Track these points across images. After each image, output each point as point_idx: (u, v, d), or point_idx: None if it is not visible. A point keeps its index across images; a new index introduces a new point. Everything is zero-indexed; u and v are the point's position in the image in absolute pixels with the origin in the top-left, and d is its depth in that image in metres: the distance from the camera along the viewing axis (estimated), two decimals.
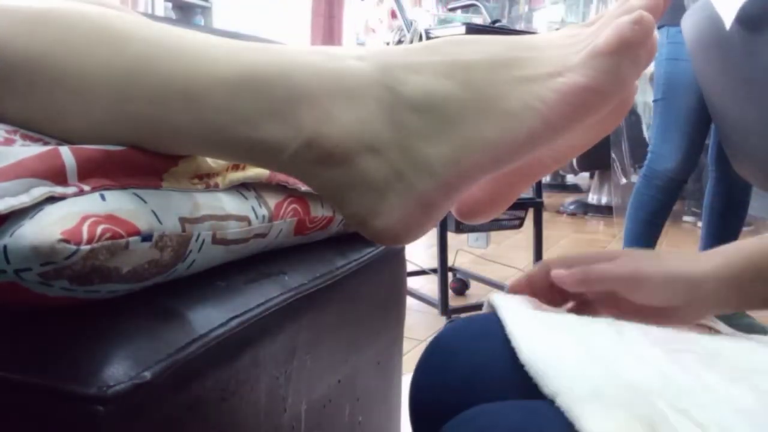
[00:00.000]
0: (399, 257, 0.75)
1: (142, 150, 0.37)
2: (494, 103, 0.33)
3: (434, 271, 1.89)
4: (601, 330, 0.49)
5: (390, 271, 0.73)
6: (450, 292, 1.96)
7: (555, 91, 0.32)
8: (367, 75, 0.34)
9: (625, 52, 0.31)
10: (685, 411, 0.36)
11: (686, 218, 3.83)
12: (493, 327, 0.50)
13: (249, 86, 0.34)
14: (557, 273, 0.51)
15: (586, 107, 0.32)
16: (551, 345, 0.44)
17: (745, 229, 2.34)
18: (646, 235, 1.90)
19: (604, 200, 4.17)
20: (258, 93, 0.34)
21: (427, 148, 0.33)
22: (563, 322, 0.49)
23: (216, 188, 0.44)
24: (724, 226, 1.93)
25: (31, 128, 0.36)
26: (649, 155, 1.91)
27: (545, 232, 2.07)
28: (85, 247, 0.31)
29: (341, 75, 0.34)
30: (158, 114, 0.35)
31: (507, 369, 0.47)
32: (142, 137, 0.37)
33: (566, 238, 3.33)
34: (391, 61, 0.35)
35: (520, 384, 0.43)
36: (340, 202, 0.36)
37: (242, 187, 0.48)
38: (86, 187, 0.34)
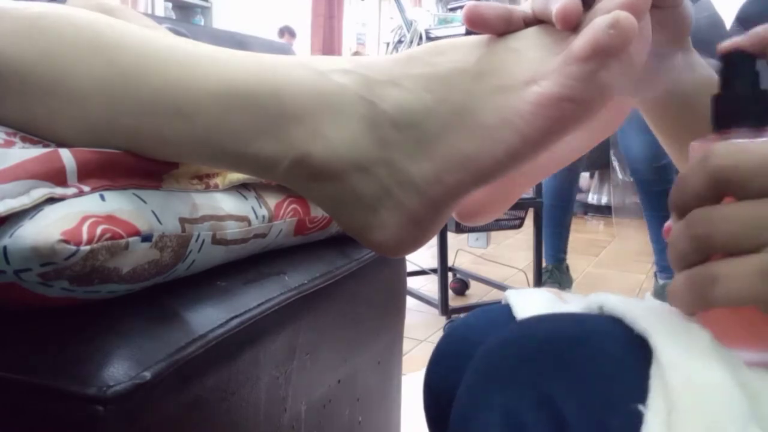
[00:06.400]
0: (399, 257, 0.75)
1: None
2: (472, 117, 0.31)
3: (434, 271, 1.89)
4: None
5: (390, 270, 0.73)
6: (450, 292, 1.96)
7: (530, 103, 0.30)
8: (352, 92, 0.34)
9: (601, 59, 0.28)
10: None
11: None
12: (508, 318, 0.50)
13: (240, 102, 0.34)
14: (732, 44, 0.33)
15: (564, 119, 0.29)
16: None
17: None
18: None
19: (604, 200, 4.16)
20: (249, 110, 0.34)
21: (411, 165, 0.33)
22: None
23: (216, 189, 0.44)
24: None
25: (27, 133, 0.36)
26: None
27: None
28: (84, 248, 0.31)
29: (328, 93, 0.34)
30: (150, 126, 0.35)
31: None
32: (135, 146, 0.37)
33: None
34: (373, 75, 0.34)
35: None
36: (336, 215, 0.36)
37: (242, 188, 0.48)
38: (86, 188, 0.34)
